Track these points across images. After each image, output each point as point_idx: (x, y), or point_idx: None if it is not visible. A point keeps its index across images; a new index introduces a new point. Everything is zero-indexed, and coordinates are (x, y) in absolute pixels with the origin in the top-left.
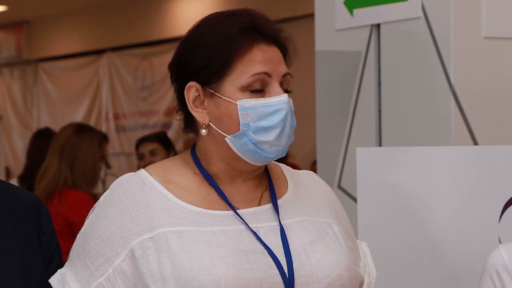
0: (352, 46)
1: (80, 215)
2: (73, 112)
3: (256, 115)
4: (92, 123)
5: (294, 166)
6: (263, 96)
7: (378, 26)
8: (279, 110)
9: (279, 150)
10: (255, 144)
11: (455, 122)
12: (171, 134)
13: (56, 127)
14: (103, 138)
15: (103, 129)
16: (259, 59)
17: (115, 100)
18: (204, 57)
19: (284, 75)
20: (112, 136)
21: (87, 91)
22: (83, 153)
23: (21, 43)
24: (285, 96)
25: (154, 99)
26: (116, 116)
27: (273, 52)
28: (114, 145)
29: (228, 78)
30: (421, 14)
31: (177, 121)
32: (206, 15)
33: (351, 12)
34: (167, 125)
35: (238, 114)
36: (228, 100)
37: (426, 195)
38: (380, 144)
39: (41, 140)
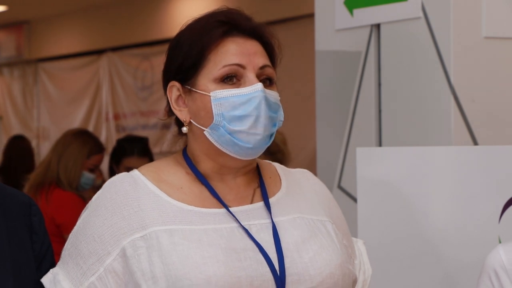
0: (352, 46)
1: (67, 216)
2: (73, 112)
3: (229, 105)
4: (92, 123)
5: None
6: (238, 87)
7: (378, 26)
8: (252, 98)
9: (257, 139)
10: (230, 134)
11: (455, 122)
12: (171, 134)
13: (56, 127)
14: (97, 150)
15: (103, 129)
16: (232, 51)
17: (115, 100)
18: (181, 55)
19: (262, 67)
20: (112, 136)
21: (87, 91)
22: (69, 151)
23: (21, 43)
24: (259, 85)
25: (154, 99)
26: (116, 116)
27: (249, 45)
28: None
29: (202, 71)
30: (421, 14)
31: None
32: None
33: (351, 12)
34: (167, 125)
35: (211, 105)
36: (202, 93)
37: (426, 195)
38: (380, 144)
39: (15, 142)
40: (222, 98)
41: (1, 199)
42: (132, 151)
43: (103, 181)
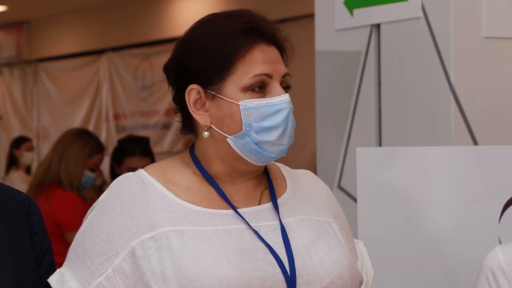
0: (352, 46)
1: (68, 216)
2: (73, 112)
3: (259, 115)
4: (92, 123)
5: None
6: (264, 96)
7: (378, 26)
8: (281, 109)
9: (281, 149)
10: (257, 144)
11: (455, 122)
12: (171, 134)
13: (56, 127)
14: (98, 150)
15: (103, 129)
16: (260, 60)
17: (115, 100)
18: (204, 59)
19: (284, 76)
20: (113, 136)
21: (87, 91)
22: (70, 151)
23: (21, 43)
24: (286, 96)
25: (154, 99)
26: (116, 116)
27: (272, 52)
28: (114, 146)
29: (230, 79)
30: (421, 14)
31: (177, 122)
32: (202, 17)
33: (351, 12)
34: (167, 125)
35: (240, 115)
36: (230, 101)
37: (426, 195)
38: (380, 144)
39: None
40: (251, 108)
41: (0, 199)
42: (134, 151)
43: (103, 181)
